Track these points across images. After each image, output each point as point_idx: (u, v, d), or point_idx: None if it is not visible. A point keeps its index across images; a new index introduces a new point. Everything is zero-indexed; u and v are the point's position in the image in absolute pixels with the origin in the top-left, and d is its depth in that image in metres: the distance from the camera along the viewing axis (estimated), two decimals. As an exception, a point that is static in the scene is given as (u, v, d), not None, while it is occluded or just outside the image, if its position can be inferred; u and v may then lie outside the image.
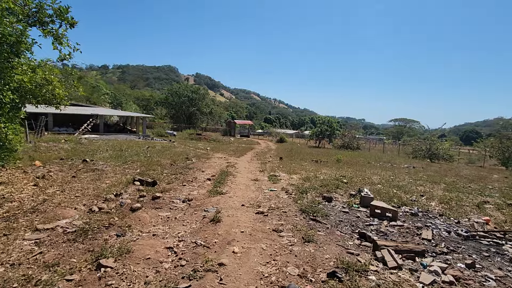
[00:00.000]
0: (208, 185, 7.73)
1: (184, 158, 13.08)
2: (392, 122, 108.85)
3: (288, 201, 6.11)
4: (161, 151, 15.51)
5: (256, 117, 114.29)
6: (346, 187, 7.88)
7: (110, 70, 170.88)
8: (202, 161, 12.60)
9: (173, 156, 13.32)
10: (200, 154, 15.55)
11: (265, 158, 16.40)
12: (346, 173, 11.42)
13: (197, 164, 11.54)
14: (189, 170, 10.08)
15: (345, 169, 12.74)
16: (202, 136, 34.22)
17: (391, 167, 15.71)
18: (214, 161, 13.18)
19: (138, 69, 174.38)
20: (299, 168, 11.70)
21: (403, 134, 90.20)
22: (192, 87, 54.40)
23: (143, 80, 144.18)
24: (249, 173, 10.13)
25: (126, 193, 6.30)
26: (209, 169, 10.66)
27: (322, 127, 37.76)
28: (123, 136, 25.55)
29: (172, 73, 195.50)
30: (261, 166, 12.22)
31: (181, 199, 6.10)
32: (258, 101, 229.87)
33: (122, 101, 50.42)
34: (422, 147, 28.36)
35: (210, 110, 53.62)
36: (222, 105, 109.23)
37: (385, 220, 4.95)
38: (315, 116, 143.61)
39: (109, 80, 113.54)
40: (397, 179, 10.66)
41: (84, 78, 49.60)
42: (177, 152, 15.47)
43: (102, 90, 46.19)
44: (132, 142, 20.83)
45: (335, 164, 14.72)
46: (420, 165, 19.39)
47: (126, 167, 9.77)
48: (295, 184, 7.93)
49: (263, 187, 7.65)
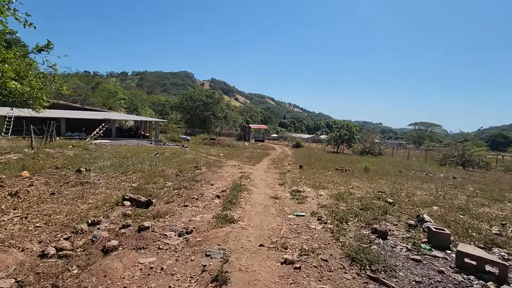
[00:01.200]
0: (216, 205, 6.05)
1: (193, 167, 11.51)
2: (412, 126, 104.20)
3: (325, 236, 4.31)
4: (170, 158, 14.05)
5: (271, 122, 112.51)
6: (396, 210, 5.97)
7: (129, 77, 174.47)
8: (213, 171, 10.97)
9: (181, 165, 11.79)
10: (211, 162, 13.97)
11: (283, 166, 14.61)
12: (382, 186, 9.46)
13: (206, 175, 9.92)
14: (196, 183, 8.46)
15: (378, 181, 10.74)
16: (215, 141, 32.83)
17: (428, 178, 13.51)
18: (227, 170, 11.53)
19: (156, 75, 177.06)
20: (324, 180, 9.84)
21: (424, 138, 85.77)
22: (207, 92, 53.51)
23: (160, 86, 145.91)
24: (266, 187, 8.40)
25: (107, 220, 4.72)
26: (219, 181, 9.00)
27: (341, 131, 35.54)
28: (135, 141, 24.49)
29: (188, 79, 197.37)
30: (280, 176, 10.44)
31: (177, 231, 4.43)
32: (273, 105, 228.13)
33: (138, 106, 50.10)
34: (454, 153, 25.64)
35: (225, 115, 52.40)
36: (236, 110, 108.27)
37: (488, 280, 3.09)
38: (330, 120, 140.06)
39: (128, 86, 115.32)
40: (447, 195, 8.60)
41: (101, 84, 49.74)
42: (186, 159, 13.96)
43: (118, 95, 45.97)
44: (142, 147, 19.62)
45: (364, 174, 12.72)
46: (458, 174, 16.99)
47: (124, 179, 8.27)
48: (327, 206, 6.10)
49: (286, 209, 5.88)
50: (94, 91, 44.83)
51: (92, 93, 43.96)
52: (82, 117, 25.24)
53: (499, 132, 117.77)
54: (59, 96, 40.97)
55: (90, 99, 42.46)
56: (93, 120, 26.23)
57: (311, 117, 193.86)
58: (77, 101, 41.28)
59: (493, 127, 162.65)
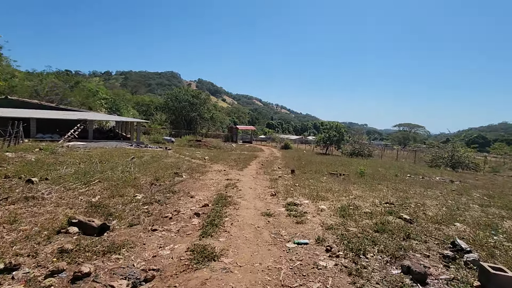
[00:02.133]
0: (194, 228, 4.71)
1: (172, 173, 10.05)
2: (396, 127, 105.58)
3: (342, 281, 3.06)
4: (148, 162, 12.52)
5: (258, 123, 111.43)
6: (418, 232, 4.80)
7: (113, 77, 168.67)
8: (195, 178, 9.56)
9: (159, 171, 10.31)
10: (194, 167, 12.54)
11: (273, 170, 13.36)
12: (385, 194, 8.36)
13: (187, 184, 8.51)
14: (173, 194, 7.06)
15: (378, 188, 9.67)
16: (202, 143, 31.29)
17: (426, 182, 12.61)
18: (211, 177, 10.15)
19: (141, 75, 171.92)
20: (321, 188, 8.65)
21: (409, 139, 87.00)
22: (193, 92, 51.76)
23: (145, 86, 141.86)
24: (256, 198, 7.10)
25: (33, 262, 3.30)
26: (201, 191, 7.63)
27: (330, 132, 34.75)
28: (113, 144, 22.65)
29: (175, 79, 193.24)
30: (271, 184, 9.17)
31: (132, 277, 3.07)
32: (260, 106, 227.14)
33: (120, 106, 47.73)
34: (443, 154, 25.21)
35: (211, 115, 50.77)
36: (224, 111, 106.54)
37: None
38: (317, 122, 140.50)
39: (112, 86, 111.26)
40: (459, 205, 7.58)
41: (81, 83, 47.09)
42: (167, 164, 12.47)
43: (98, 94, 43.50)
44: (119, 150, 17.91)
45: (360, 179, 11.66)
46: (452, 176, 16.29)
47: (84, 191, 6.77)
48: (333, 226, 4.87)
49: (283, 232, 4.60)
50: (73, 90, 42.26)
51: (70, 93, 41.42)
52: (55, 117, 23.17)
53: (478, 133, 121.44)
54: (34, 95, 38.36)
55: (68, 99, 39.95)
56: (68, 121, 24.17)
57: (298, 118, 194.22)
58: (54, 101, 38.74)
59: (472, 128, 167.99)
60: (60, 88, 40.47)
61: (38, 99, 35.62)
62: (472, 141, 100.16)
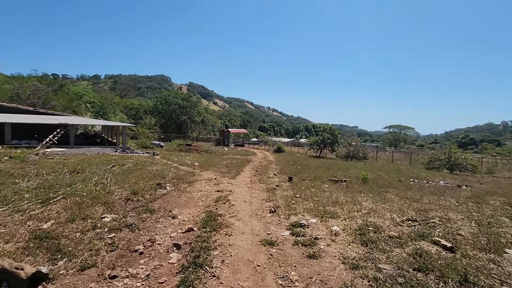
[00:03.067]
0: (171, 271, 3.40)
1: (154, 184, 8.67)
2: (387, 129, 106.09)
3: None
4: (129, 171, 11.07)
5: (250, 126, 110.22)
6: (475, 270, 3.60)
7: (101, 80, 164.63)
8: (181, 190, 8.20)
9: (140, 181, 8.91)
10: (182, 175, 11.16)
11: (268, 178, 12.12)
12: (401, 206, 7.21)
13: (170, 198, 7.16)
14: (151, 214, 5.71)
15: (388, 197, 8.53)
16: (192, 147, 29.83)
17: (434, 188, 11.58)
18: (199, 187, 8.81)
19: (130, 79, 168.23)
20: (326, 200, 7.43)
21: (399, 141, 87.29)
22: (183, 95, 50.22)
23: (135, 89, 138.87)
24: (253, 216, 5.83)
25: None
26: (187, 208, 6.30)
27: (323, 135, 33.83)
28: (97, 149, 20.99)
29: (165, 82, 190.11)
30: (268, 196, 7.90)
31: None
32: (252, 109, 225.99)
33: (107, 110, 45.73)
34: (440, 156, 24.47)
35: (202, 119, 49.22)
36: (215, 114, 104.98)
37: None
38: (309, 124, 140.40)
39: (100, 90, 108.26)
40: (490, 220, 6.47)
41: (66, 86, 44.98)
42: (151, 172, 11.06)
43: (83, 98, 41.47)
44: (101, 157, 16.35)
45: (364, 186, 10.52)
46: (454, 179, 15.40)
47: (36, 213, 5.36)
48: (359, 264, 3.63)
49: (293, 276, 3.34)
50: (57, 94, 40.20)
51: (54, 96, 39.36)
52: (32, 122, 21.40)
53: (465, 134, 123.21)
54: (15, 99, 36.20)
55: (51, 102, 37.91)
56: (48, 125, 22.38)
57: (290, 121, 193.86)
58: (36, 105, 36.68)
59: (458, 129, 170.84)
60: (42, 92, 38.42)
61: (19, 102, 33.57)
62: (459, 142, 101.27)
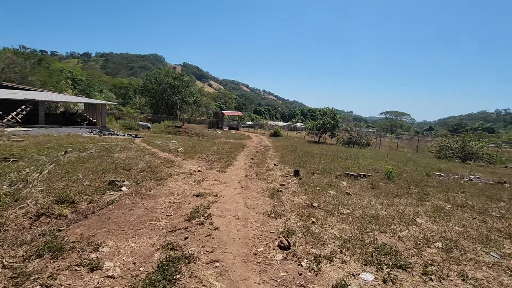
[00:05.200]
0: None
1: (106, 183, 5.95)
2: (383, 115, 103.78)
3: None
4: (84, 160, 8.26)
5: (245, 109, 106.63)
6: None
7: (92, 58, 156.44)
8: (141, 194, 5.45)
9: (88, 178, 6.18)
10: (155, 166, 8.43)
11: (268, 170, 9.50)
12: (475, 225, 4.71)
13: (114, 211, 4.43)
14: (53, 258, 3.07)
15: (442, 206, 6.01)
16: (182, 129, 26.89)
17: (476, 187, 9.13)
18: (172, 188, 6.10)
19: (123, 58, 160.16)
20: (361, 213, 4.90)
21: (396, 127, 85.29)
22: (174, 73, 46.42)
23: (127, 69, 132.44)
24: (251, 261, 3.18)
25: None
26: (132, 237, 3.56)
27: (324, 119, 31.05)
28: (67, 130, 18.01)
29: (158, 62, 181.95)
30: (272, 206, 5.26)
31: None
32: (248, 92, 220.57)
33: (92, 87, 42.04)
34: (453, 145, 22.10)
35: (195, 100, 45.83)
36: (210, 96, 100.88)
37: None
38: (305, 108, 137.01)
39: (91, 68, 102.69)
40: None
41: (45, 60, 40.92)
42: (114, 162, 8.29)
43: (63, 74, 37.63)
44: (67, 139, 13.45)
45: (394, 185, 8.01)
46: (484, 173, 13.08)
47: None
48: None
49: None
50: (35, 69, 36.30)
51: (33, 71, 35.53)
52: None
53: (460, 122, 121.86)
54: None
55: (29, 78, 34.19)
56: (13, 101, 19.19)
57: (285, 105, 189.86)
58: (14, 80, 32.98)
59: (451, 117, 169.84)
60: (18, 66, 34.53)
61: (-8, 77, 29.89)
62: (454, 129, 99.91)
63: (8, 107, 19.92)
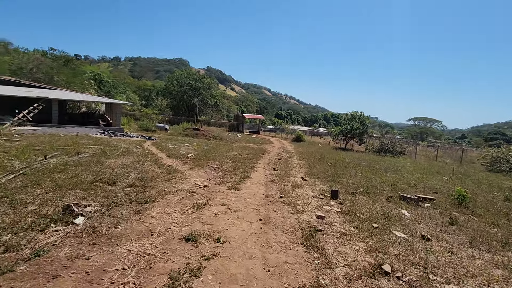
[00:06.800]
0: None
1: (59, 209, 4.05)
2: (411, 121, 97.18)
3: None
4: (59, 169, 6.46)
5: (267, 112, 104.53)
6: None
7: (122, 62, 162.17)
8: (102, 232, 3.45)
9: (38, 200, 4.33)
10: (150, 178, 6.47)
11: (295, 187, 7.26)
12: None
13: (19, 284, 2.53)
14: None
15: None
16: (200, 132, 25.27)
17: None
18: (155, 221, 3.98)
19: (150, 62, 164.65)
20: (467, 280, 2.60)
21: (427, 134, 79.27)
22: (196, 75, 45.32)
23: (153, 72, 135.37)
24: None
25: None
26: None
27: (352, 124, 28.16)
28: (78, 130, 16.82)
29: (183, 66, 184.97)
30: (310, 262, 3.12)
31: None
32: (269, 96, 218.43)
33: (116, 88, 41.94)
34: (510, 157, 18.58)
35: (216, 102, 44.39)
36: (232, 99, 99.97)
37: None
38: (328, 113, 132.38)
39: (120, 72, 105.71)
40: None
41: (72, 62, 41.30)
42: (101, 171, 6.45)
43: (86, 75, 37.63)
44: (70, 140, 12.02)
45: (479, 220, 5.50)
46: None
47: None
48: None
49: None
50: (60, 70, 36.50)
51: (58, 72, 35.73)
52: (5, 94, 17.37)
53: (497, 130, 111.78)
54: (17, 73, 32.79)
55: (55, 78, 34.34)
56: (28, 99, 18.39)
57: (307, 109, 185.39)
58: (41, 80, 33.25)
59: (486, 125, 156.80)
60: (46, 67, 34.82)
61: (21, 77, 30.01)
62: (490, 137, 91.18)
63: (25, 105, 19.19)
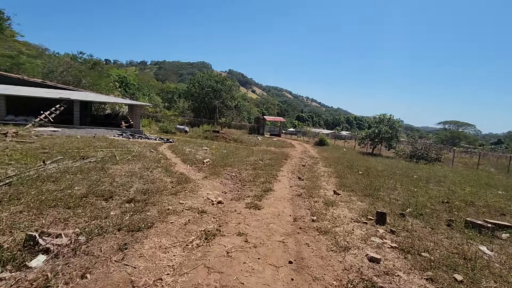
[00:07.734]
0: None
1: (23, 239, 3.10)
2: (441, 125, 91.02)
3: None
4: (54, 178, 5.59)
5: (288, 115, 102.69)
6: None
7: (148, 66, 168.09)
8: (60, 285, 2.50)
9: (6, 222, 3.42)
10: (154, 191, 5.45)
11: (328, 204, 5.93)
12: None
13: None
14: None
15: None
16: (219, 134, 24.41)
17: None
18: (147, 257, 2.90)
19: (174, 65, 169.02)
20: None
21: (460, 139, 73.73)
22: (217, 77, 44.89)
23: (177, 75, 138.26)
24: None
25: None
26: None
27: (380, 127, 26.06)
28: (96, 131, 16.49)
29: (206, 69, 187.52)
30: None
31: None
32: (290, 98, 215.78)
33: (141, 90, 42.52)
34: None
35: (236, 104, 43.63)
36: (253, 102, 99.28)
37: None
38: (350, 116, 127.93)
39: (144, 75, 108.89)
40: None
41: (99, 65, 42.38)
42: (100, 180, 5.51)
43: (111, 77, 38.37)
44: (84, 142, 11.47)
45: None
46: None
47: None
48: None
49: None
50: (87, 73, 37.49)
51: (85, 74, 36.72)
52: (30, 95, 17.43)
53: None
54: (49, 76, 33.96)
55: (83, 80, 35.27)
56: (51, 100, 18.42)
57: (329, 112, 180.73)
58: (70, 83, 34.26)
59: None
60: (75, 70, 35.85)
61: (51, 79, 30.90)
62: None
63: (49, 107, 19.27)
